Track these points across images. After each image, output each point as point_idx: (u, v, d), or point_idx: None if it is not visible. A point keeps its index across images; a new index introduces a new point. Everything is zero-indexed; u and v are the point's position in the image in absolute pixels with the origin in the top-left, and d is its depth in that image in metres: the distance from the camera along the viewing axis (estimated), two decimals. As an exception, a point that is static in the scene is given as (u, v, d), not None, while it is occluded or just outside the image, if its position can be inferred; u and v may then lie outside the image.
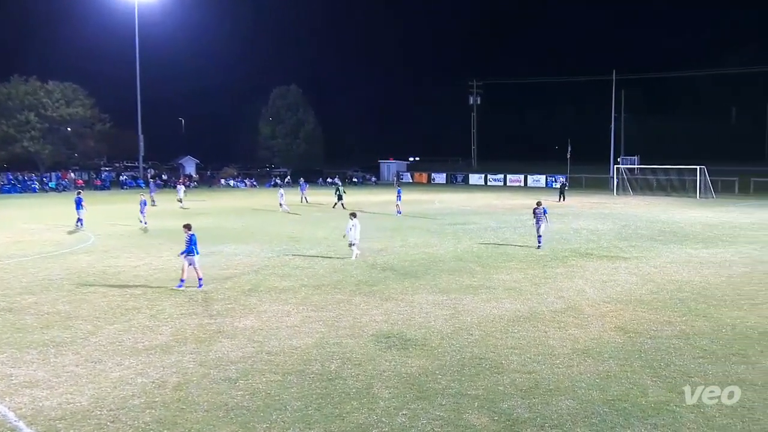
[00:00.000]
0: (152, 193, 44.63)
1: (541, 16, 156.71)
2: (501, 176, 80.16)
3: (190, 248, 16.02)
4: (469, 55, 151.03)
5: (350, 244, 20.40)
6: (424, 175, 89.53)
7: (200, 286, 16.04)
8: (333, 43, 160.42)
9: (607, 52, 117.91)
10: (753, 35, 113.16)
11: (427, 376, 9.80)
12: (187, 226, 16.50)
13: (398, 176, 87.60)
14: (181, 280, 16.08)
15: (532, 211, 23.65)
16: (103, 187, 67.78)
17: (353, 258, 20.20)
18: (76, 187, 53.57)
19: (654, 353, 10.83)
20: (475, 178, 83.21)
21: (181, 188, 47.39)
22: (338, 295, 15.36)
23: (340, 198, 41.29)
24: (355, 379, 9.70)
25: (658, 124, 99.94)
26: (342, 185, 46.33)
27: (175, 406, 8.73)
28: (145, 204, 31.34)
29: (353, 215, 20.76)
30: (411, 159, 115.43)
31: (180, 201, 44.06)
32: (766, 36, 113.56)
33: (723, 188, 56.18)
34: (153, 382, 9.59)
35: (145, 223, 30.27)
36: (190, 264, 16.07)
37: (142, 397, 9.01)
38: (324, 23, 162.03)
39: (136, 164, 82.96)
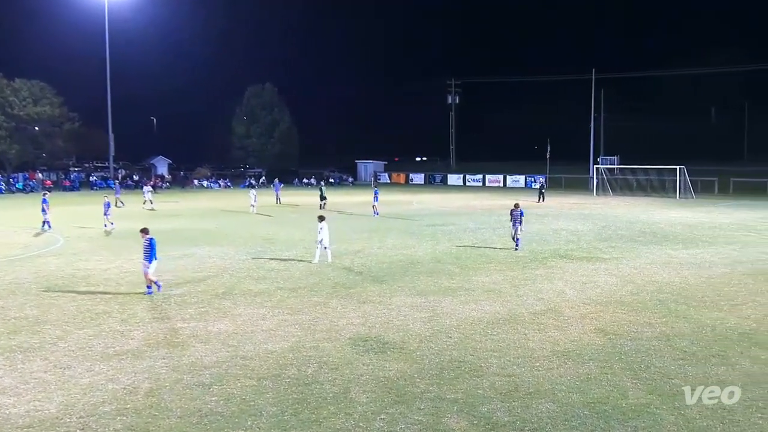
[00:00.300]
0: (117, 195, 43.78)
1: (520, 15, 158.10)
2: (480, 177, 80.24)
3: (152, 254, 15.43)
4: (447, 55, 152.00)
5: (324, 248, 20.03)
6: (402, 176, 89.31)
7: (159, 288, 15.57)
8: (309, 41, 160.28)
9: (587, 51, 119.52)
10: (732, 35, 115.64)
11: (405, 379, 9.69)
12: (145, 230, 15.93)
13: (375, 177, 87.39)
14: (148, 286, 15.64)
15: (509, 212, 23.55)
16: (72, 188, 66.48)
17: (328, 260, 19.89)
18: (44, 188, 52.50)
19: (634, 355, 10.83)
20: (453, 179, 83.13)
21: (148, 189, 46.01)
22: (315, 298, 15.17)
23: (323, 198, 41.03)
24: (332, 383, 9.57)
25: (638, 124, 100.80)
26: (325, 186, 46.12)
27: (147, 412, 8.54)
28: (109, 206, 30.52)
29: (321, 218, 20.42)
30: (418, 158, 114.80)
31: (151, 202, 43.04)
32: (745, 36, 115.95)
33: (703, 188, 56.79)
34: (124, 388, 9.38)
35: (113, 224, 29.42)
36: (146, 269, 15.42)
37: (113, 404, 8.81)
38: (300, 21, 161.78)
39: (107, 164, 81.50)
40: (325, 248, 20.03)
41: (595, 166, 63.97)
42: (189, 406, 8.71)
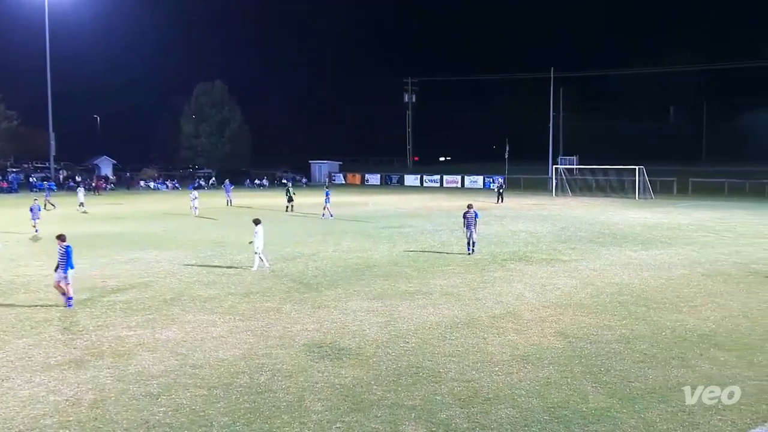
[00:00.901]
0: (47, 197, 42.17)
1: (477, 12, 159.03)
2: (437, 177, 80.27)
3: (70, 263, 14.42)
4: (403, 52, 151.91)
5: (255, 252, 19.23)
6: (358, 176, 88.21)
7: (69, 305, 14.34)
8: (260, 37, 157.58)
9: (546, 50, 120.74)
10: (691, 35, 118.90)
11: (361, 386, 9.53)
12: (61, 237, 14.85)
13: (330, 177, 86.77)
14: (69, 297, 14.43)
15: (462, 215, 23.34)
16: (10, 190, 63.83)
17: (254, 268, 18.98)
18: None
19: (594, 358, 10.84)
20: (410, 179, 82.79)
21: (81, 191, 43.95)
22: (267, 303, 14.83)
23: (290, 200, 40.39)
24: (285, 391, 9.35)
25: (597, 124, 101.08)
26: (292, 186, 45.37)
27: (91, 425, 8.25)
28: (39, 209, 29.21)
29: (257, 222, 19.68)
30: (442, 160, 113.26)
31: (82, 205, 41.13)
32: (703, 36, 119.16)
33: (662, 188, 57.67)
34: (67, 400, 9.04)
35: (36, 230, 27.80)
36: (64, 280, 14.33)
37: (54, 417, 8.48)
38: (250, 15, 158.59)
39: (47, 165, 78.61)
40: (255, 253, 19.25)
41: (554, 166, 64.42)
42: (135, 418, 8.44)
